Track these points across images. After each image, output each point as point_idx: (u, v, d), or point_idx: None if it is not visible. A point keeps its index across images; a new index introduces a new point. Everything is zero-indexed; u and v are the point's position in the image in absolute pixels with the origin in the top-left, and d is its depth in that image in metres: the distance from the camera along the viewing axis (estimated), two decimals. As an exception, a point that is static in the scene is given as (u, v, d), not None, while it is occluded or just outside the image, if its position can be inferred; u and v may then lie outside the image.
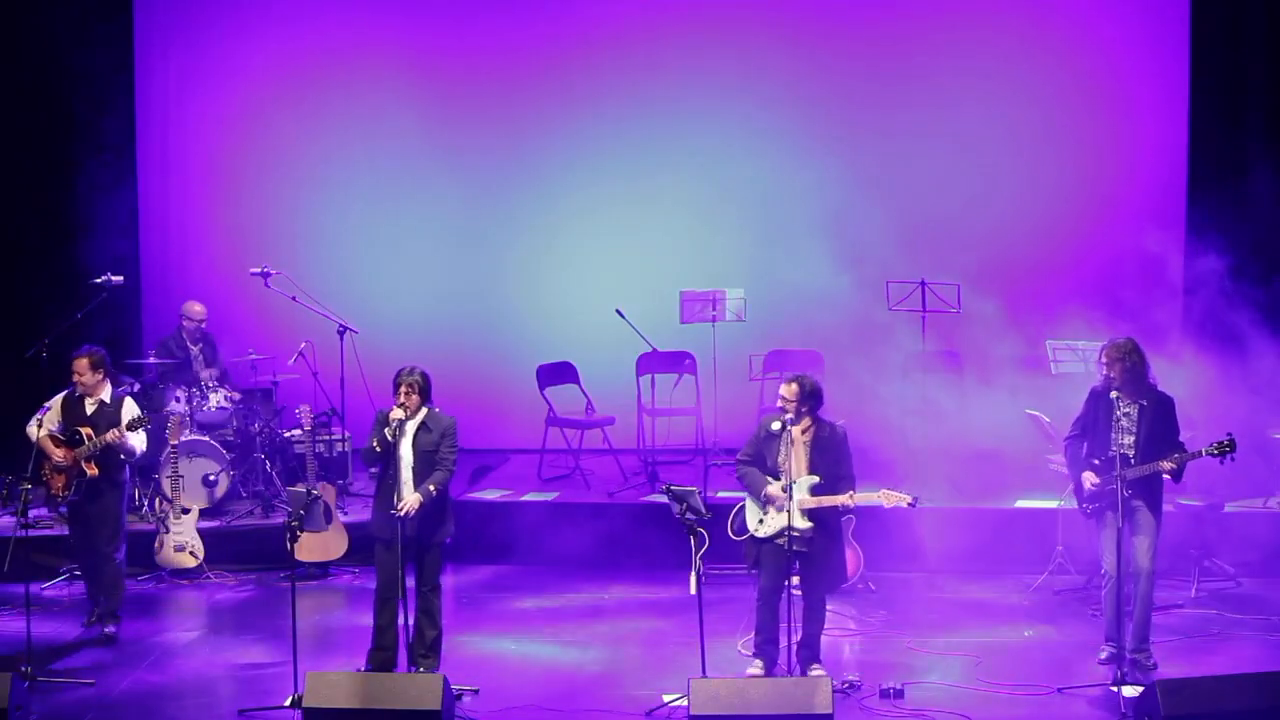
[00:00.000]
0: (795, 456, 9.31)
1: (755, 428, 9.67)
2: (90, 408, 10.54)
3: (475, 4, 14.36)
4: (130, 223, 14.10)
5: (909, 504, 9.46)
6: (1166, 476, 9.54)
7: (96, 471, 10.41)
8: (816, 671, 9.29)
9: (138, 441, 10.54)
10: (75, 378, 10.50)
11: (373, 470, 9.85)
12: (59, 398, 10.66)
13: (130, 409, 10.60)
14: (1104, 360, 9.47)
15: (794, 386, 9.36)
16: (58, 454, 10.41)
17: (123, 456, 10.53)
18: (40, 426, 10.40)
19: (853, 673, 9.57)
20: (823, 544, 9.36)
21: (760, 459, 9.48)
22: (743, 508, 9.59)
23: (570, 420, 13.49)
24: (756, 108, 14.08)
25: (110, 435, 10.34)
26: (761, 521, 9.42)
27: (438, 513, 9.56)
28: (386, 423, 9.45)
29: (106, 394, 10.59)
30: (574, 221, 14.30)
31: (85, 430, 10.40)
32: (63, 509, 10.75)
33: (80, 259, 13.17)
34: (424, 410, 9.56)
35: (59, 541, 11.82)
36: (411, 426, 9.51)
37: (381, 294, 14.21)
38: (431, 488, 9.42)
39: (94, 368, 10.50)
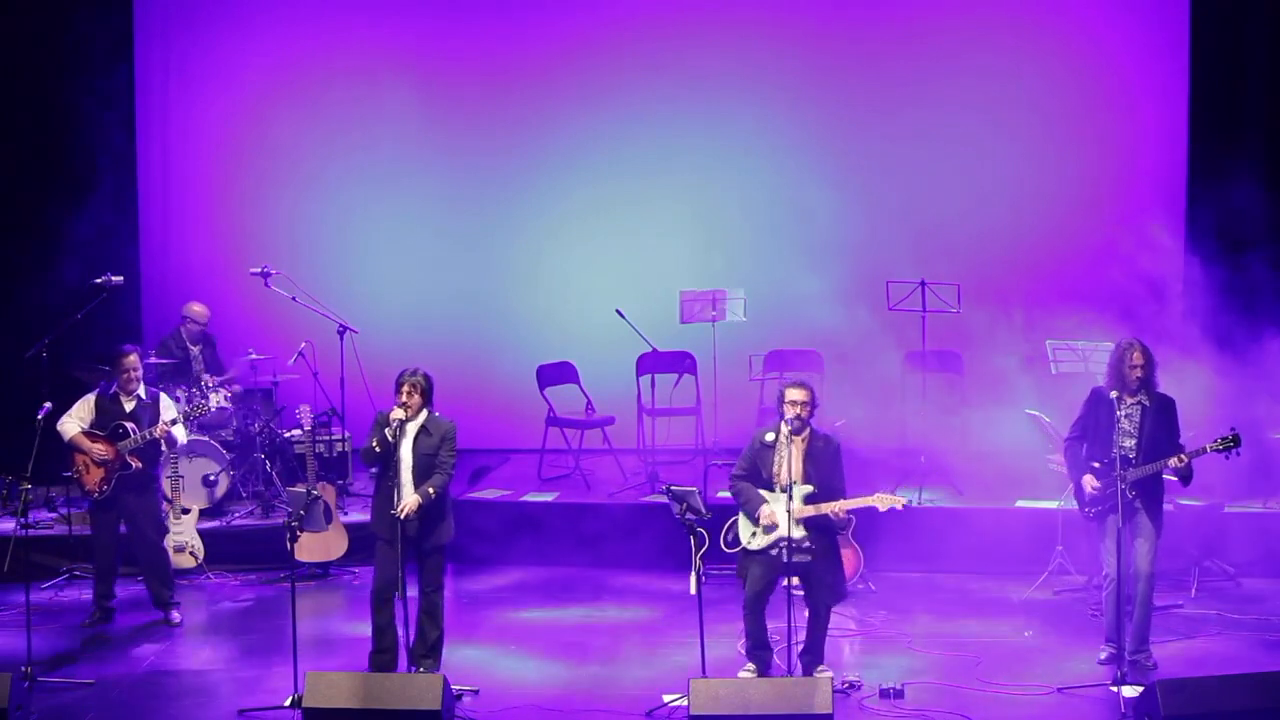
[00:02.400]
0: (791, 465, 9.28)
1: (749, 441, 9.59)
2: (129, 405, 10.77)
3: (475, 5, 14.36)
4: (130, 222, 14.11)
5: (902, 506, 9.46)
6: (1172, 478, 9.54)
7: (141, 465, 10.69)
8: (823, 673, 9.27)
9: (180, 433, 10.90)
10: (130, 374, 10.73)
11: (372, 471, 9.85)
12: (91, 397, 10.84)
13: (168, 404, 10.95)
14: (1136, 363, 9.41)
15: (805, 391, 9.34)
16: (99, 449, 10.64)
17: (165, 448, 10.90)
18: (73, 422, 10.67)
19: (853, 673, 9.57)
20: (823, 554, 9.32)
21: (755, 472, 9.45)
22: (736, 521, 9.56)
23: (570, 420, 13.49)
24: (756, 108, 14.08)
25: (161, 429, 10.64)
26: (754, 535, 9.40)
27: (438, 515, 9.55)
28: (387, 423, 9.44)
29: (142, 390, 10.85)
30: (574, 221, 14.29)
31: (126, 425, 10.65)
32: (86, 505, 10.87)
33: (80, 259, 13.15)
34: (425, 413, 9.55)
35: (59, 541, 11.84)
36: (412, 429, 9.50)
37: (381, 294, 14.20)
38: (430, 490, 9.41)
39: (142, 363, 10.92)
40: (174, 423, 10.77)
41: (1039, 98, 13.84)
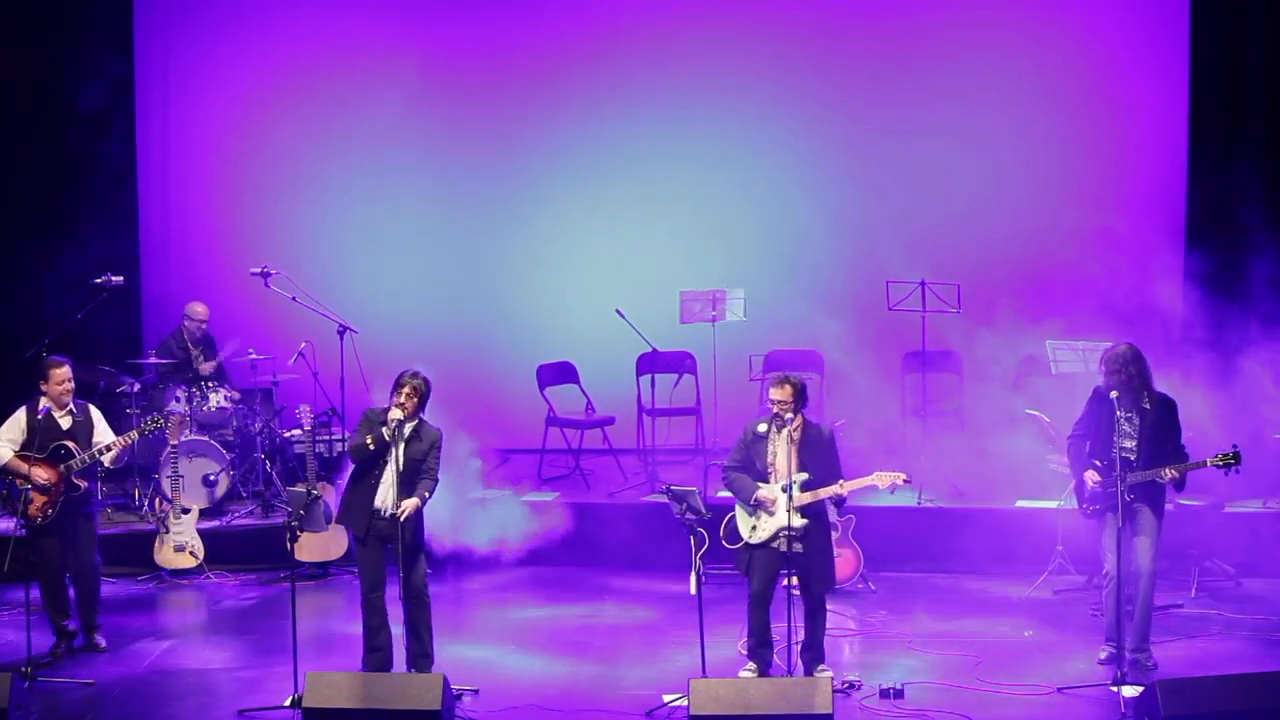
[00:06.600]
0: (787, 456, 9.28)
1: (740, 433, 9.58)
2: (65, 421, 10.08)
3: (474, 4, 14.37)
4: (130, 223, 14.12)
5: (904, 481, 9.40)
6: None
7: (87, 484, 10.12)
8: (824, 673, 9.27)
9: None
10: (63, 385, 9.99)
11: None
12: (21, 415, 10.11)
13: (99, 416, 10.30)
14: (1103, 369, 9.45)
15: (788, 388, 9.34)
16: (42, 475, 9.95)
17: (110, 465, 10.21)
18: (4, 446, 9.98)
19: (853, 673, 9.56)
20: (818, 542, 9.33)
21: (749, 464, 9.44)
22: (734, 516, 9.57)
23: (570, 420, 13.49)
24: (757, 107, 14.09)
25: (124, 440, 10.08)
26: (754, 528, 9.40)
27: (417, 518, 9.47)
28: (383, 422, 9.38)
29: (72, 404, 10.17)
30: (574, 221, 14.31)
31: (69, 444, 10.01)
32: (23, 532, 10.03)
33: (80, 259, 13.16)
34: (416, 418, 9.48)
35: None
36: (405, 432, 9.44)
37: (381, 294, 14.21)
38: (426, 494, 9.38)
39: (72, 376, 10.13)
40: (143, 431, 10.27)
41: (1040, 97, 13.84)
